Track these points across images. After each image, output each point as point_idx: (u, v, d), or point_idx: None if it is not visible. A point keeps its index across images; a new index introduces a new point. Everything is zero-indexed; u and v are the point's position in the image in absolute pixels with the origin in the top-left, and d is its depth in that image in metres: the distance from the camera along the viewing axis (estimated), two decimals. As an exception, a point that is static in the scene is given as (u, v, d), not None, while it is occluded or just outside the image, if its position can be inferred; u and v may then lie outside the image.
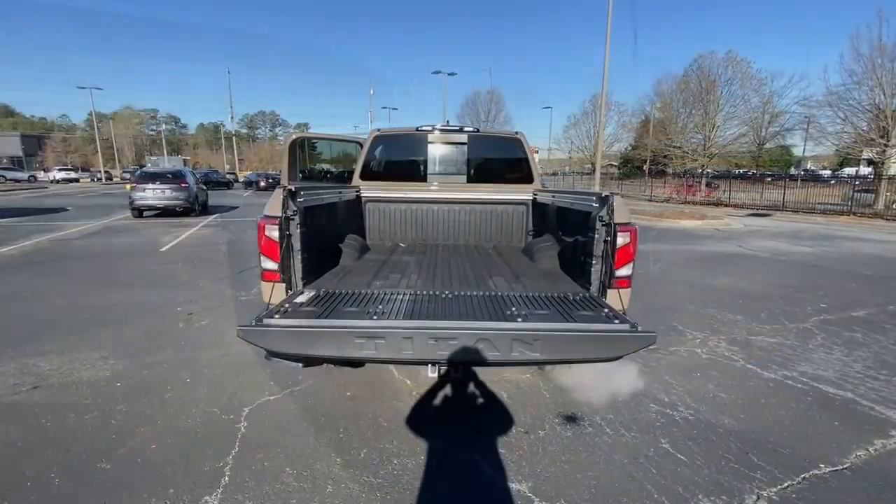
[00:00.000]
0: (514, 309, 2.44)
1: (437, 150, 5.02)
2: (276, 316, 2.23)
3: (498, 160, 5.21)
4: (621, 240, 2.65)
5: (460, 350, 2.10)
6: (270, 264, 2.69)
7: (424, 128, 4.86)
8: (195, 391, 3.39)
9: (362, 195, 4.81)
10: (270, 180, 31.28)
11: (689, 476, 2.52)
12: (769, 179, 28.17)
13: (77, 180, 46.94)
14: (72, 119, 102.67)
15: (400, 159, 5.17)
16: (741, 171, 42.63)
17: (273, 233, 2.67)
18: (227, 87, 56.15)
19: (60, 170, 48.49)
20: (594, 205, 2.85)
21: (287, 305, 2.43)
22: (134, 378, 3.59)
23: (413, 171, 5.07)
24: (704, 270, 8.08)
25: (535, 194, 4.80)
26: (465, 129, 4.91)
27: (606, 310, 2.48)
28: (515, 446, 2.78)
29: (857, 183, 21.36)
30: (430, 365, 2.38)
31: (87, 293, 5.99)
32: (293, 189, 2.75)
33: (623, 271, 2.70)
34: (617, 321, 2.27)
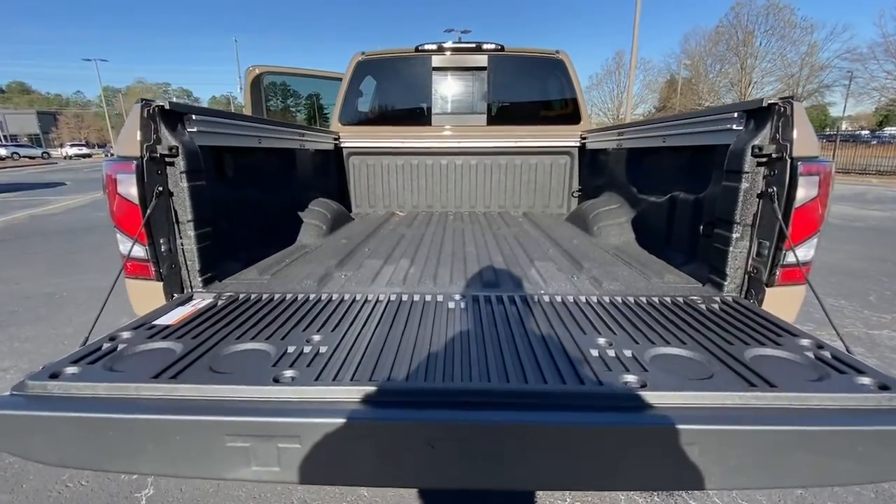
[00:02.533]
0: (601, 342, 1.23)
1: (445, 81, 3.70)
2: (73, 369, 1.07)
3: (531, 91, 3.86)
4: (804, 190, 1.41)
5: (489, 469, 0.92)
6: (134, 247, 1.56)
7: (427, 47, 3.53)
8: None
9: (343, 145, 3.61)
10: None
11: None
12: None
13: (89, 156, 46.71)
14: (86, 95, 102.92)
15: (394, 94, 3.88)
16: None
17: (130, 189, 1.52)
18: (235, 57, 54.19)
19: (73, 145, 48.55)
20: (735, 127, 1.60)
21: (124, 337, 1.25)
22: None
23: (413, 110, 3.78)
24: (771, 240, 6.72)
25: (585, 138, 3.52)
26: (485, 46, 3.55)
27: (808, 341, 1.22)
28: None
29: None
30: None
31: (36, 277, 5.04)
32: (167, 106, 1.55)
33: (803, 251, 1.48)
34: (865, 377, 1.03)
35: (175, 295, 1.66)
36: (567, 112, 3.71)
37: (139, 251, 1.57)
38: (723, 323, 1.35)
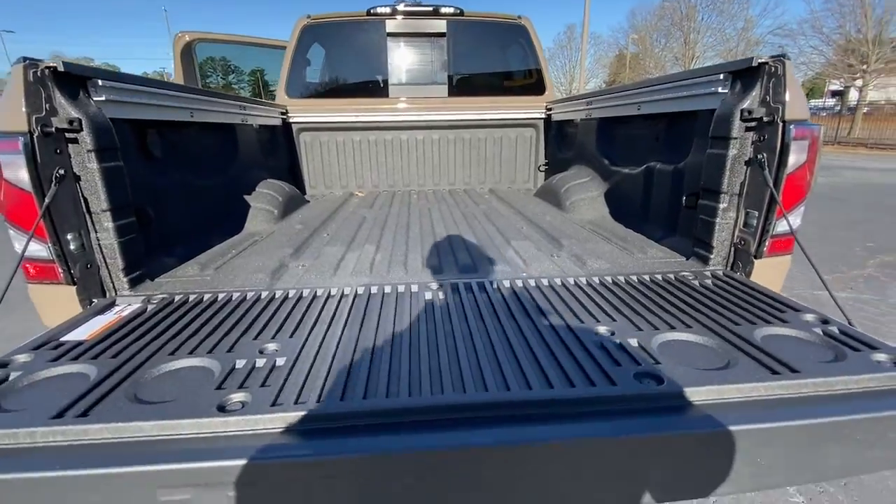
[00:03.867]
0: (602, 330, 1.10)
1: (401, 48, 3.43)
2: None
3: (493, 60, 3.67)
4: (795, 156, 1.35)
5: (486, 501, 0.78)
6: (34, 246, 1.28)
7: (380, 10, 3.24)
8: None
9: (292, 120, 3.30)
10: None
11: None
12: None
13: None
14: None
15: (346, 63, 3.59)
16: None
17: (19, 172, 1.23)
18: (167, 29, 50.08)
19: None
20: (721, 90, 1.50)
21: (20, 361, 0.99)
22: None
23: (367, 81, 3.51)
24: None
25: (550, 109, 3.39)
26: (443, 10, 3.30)
27: (812, 316, 1.15)
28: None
29: (824, 114, 21.41)
30: None
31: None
32: (61, 68, 1.25)
33: (791, 218, 1.43)
34: (881, 353, 0.97)
35: (94, 301, 1.39)
36: (531, 82, 3.56)
37: (40, 249, 1.28)
38: (721, 300, 1.28)
